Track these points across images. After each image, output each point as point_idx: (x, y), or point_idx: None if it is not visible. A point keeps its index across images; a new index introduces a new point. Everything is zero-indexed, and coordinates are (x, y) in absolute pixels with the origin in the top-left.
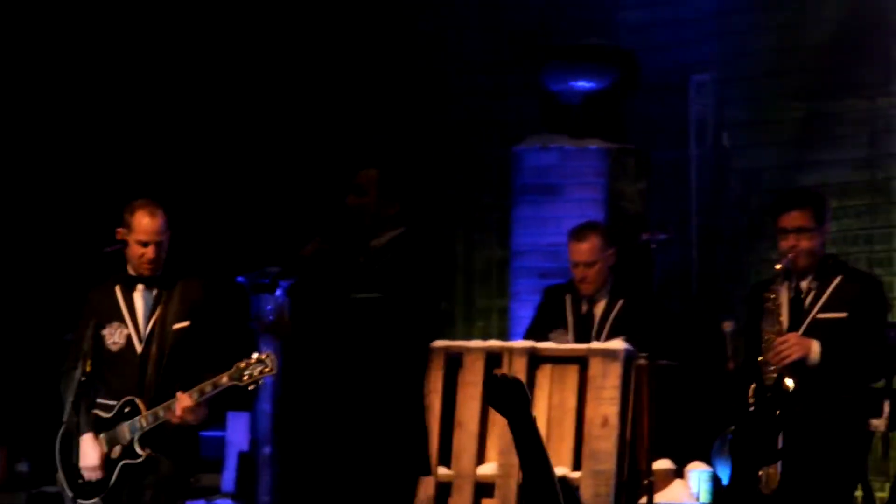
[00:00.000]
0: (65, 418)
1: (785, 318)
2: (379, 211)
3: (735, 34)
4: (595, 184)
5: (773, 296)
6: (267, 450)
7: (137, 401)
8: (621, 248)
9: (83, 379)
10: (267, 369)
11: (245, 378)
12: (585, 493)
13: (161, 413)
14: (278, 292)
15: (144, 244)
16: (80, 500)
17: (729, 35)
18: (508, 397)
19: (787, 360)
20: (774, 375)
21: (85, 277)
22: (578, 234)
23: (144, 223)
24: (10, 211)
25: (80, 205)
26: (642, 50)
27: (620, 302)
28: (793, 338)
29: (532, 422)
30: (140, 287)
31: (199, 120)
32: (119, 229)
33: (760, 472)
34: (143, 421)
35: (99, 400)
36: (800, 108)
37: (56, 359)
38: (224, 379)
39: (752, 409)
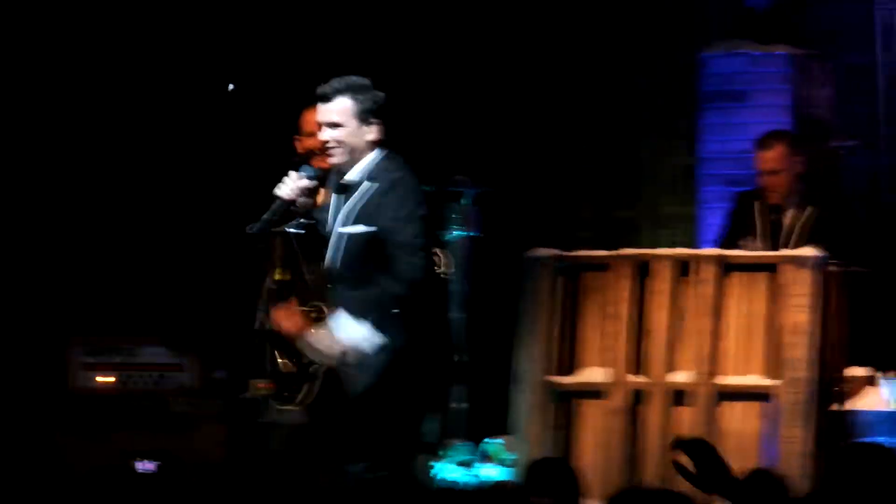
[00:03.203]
0: (257, 326)
1: None
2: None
3: None
4: (782, 90)
5: None
6: None
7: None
8: (810, 155)
9: (273, 287)
10: None
11: None
12: (779, 400)
13: None
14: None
15: (311, 135)
16: (281, 407)
17: None
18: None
19: None
20: None
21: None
22: (764, 142)
23: (303, 119)
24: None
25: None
26: None
27: (810, 209)
28: None
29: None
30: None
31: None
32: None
33: None
34: None
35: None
36: None
37: (250, 267)
38: None
39: None
